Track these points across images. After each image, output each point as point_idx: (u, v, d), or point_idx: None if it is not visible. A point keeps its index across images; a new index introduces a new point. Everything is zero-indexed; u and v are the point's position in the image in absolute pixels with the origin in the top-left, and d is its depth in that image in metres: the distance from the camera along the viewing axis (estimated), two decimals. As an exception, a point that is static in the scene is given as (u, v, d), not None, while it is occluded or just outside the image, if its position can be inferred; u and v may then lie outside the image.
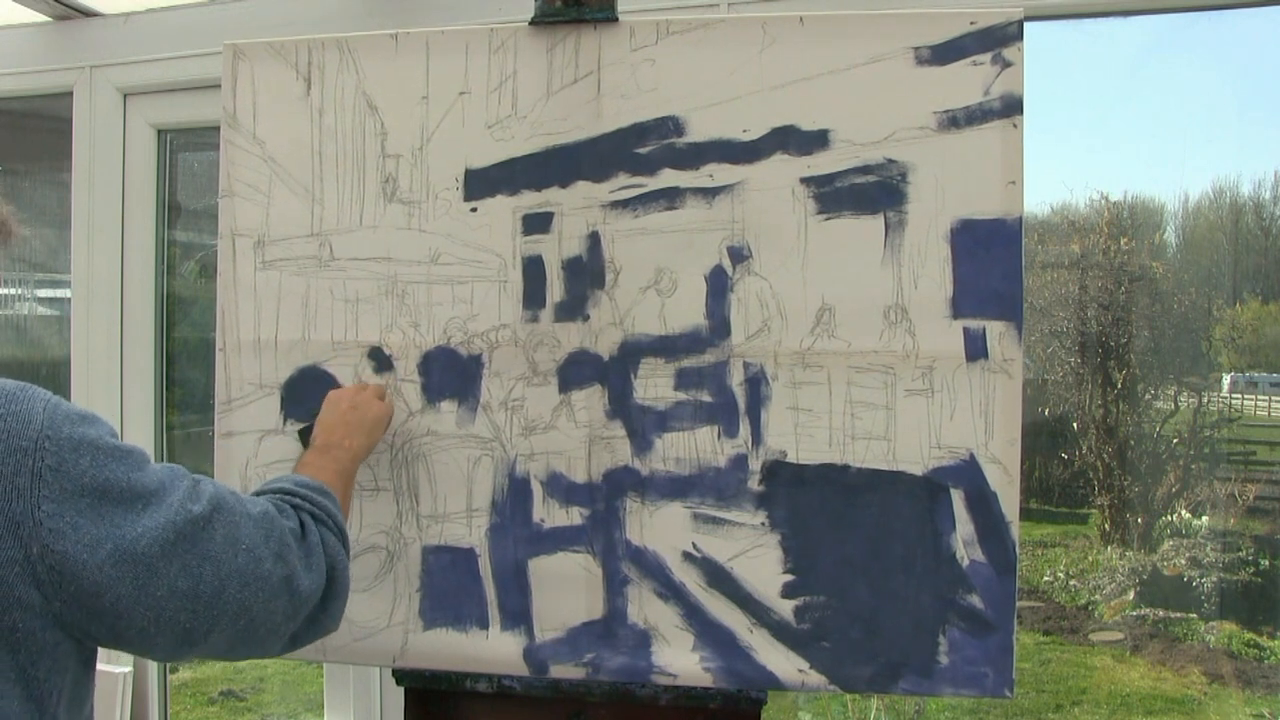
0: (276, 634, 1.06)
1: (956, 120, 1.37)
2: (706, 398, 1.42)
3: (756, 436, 1.41)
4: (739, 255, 1.41)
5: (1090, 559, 5.12)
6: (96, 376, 2.39)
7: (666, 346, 1.43)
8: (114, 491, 0.94)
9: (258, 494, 1.17)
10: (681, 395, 1.43)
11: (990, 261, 1.36)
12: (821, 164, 1.39)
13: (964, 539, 1.37)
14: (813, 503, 1.40)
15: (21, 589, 0.89)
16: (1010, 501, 1.36)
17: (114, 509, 0.93)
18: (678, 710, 1.43)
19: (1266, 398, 5.35)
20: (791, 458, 1.40)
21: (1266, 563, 4.62)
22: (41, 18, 2.43)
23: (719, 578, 1.41)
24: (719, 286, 1.42)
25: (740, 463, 1.41)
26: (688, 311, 1.42)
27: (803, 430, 1.40)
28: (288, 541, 1.07)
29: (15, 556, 0.88)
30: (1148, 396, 5.24)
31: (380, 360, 1.49)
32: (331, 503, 1.18)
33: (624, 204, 1.43)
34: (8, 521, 0.88)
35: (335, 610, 1.14)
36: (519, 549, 1.46)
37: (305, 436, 1.46)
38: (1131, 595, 4.82)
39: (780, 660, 1.40)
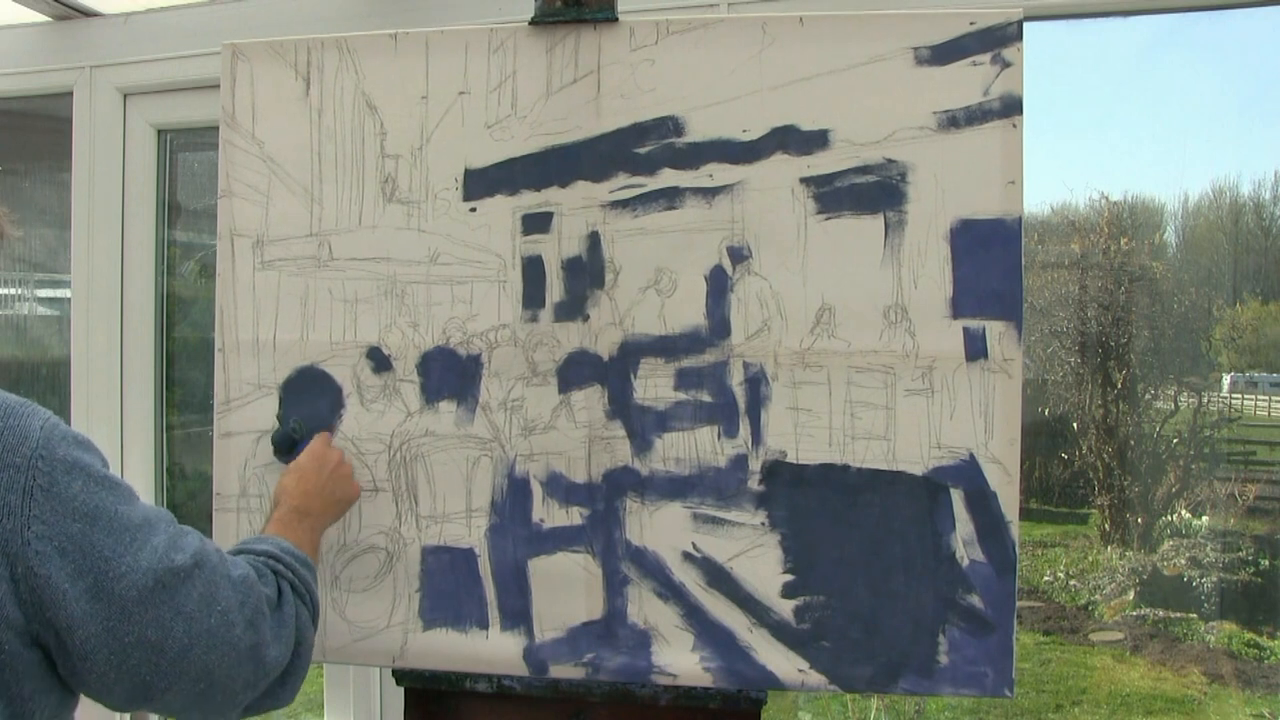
0: (234, 701, 1.04)
1: (956, 120, 1.37)
2: (706, 398, 1.42)
3: (756, 436, 1.41)
4: (739, 255, 1.41)
5: (1090, 559, 5.12)
6: (96, 376, 2.39)
7: (666, 346, 1.43)
8: (102, 520, 0.92)
9: (240, 551, 1.16)
10: (681, 395, 1.42)
11: (990, 261, 1.36)
12: (821, 164, 1.39)
13: (964, 539, 1.37)
14: (812, 503, 1.39)
15: (9, 607, 0.88)
16: (1010, 501, 1.36)
17: (102, 538, 0.92)
18: (678, 710, 1.43)
19: (1266, 398, 5.35)
20: (791, 458, 1.40)
21: (1266, 563, 4.62)
22: (41, 18, 2.43)
23: (719, 578, 1.41)
24: (719, 286, 1.42)
25: (740, 463, 1.41)
26: (687, 311, 1.42)
27: (803, 430, 1.40)
28: (262, 610, 1.06)
29: (2, 574, 0.87)
30: (1148, 396, 5.24)
31: (379, 360, 1.49)
32: (312, 576, 1.19)
33: (624, 204, 1.43)
34: None
35: (293, 686, 1.13)
36: (518, 549, 1.46)
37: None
38: (1131, 595, 4.82)
39: (780, 660, 1.40)
